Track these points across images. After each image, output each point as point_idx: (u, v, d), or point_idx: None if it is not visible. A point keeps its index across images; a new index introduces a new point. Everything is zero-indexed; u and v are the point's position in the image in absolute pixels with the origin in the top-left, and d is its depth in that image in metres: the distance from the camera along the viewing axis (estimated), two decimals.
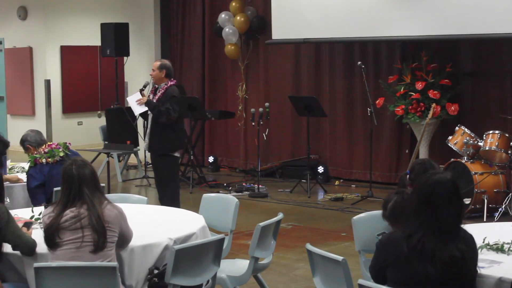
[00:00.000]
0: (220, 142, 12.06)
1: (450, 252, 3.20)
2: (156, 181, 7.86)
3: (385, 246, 3.36)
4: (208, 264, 4.23)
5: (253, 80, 11.58)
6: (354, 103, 10.40)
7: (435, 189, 3.27)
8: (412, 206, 3.33)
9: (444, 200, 3.26)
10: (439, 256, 3.19)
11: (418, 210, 3.29)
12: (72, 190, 3.88)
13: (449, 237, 3.23)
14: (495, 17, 8.44)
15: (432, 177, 3.33)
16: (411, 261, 3.21)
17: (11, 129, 14.46)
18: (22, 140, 6.04)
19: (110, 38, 11.52)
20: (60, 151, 5.79)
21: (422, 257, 3.20)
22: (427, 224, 3.23)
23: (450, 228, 3.25)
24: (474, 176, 7.88)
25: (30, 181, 5.80)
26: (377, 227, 4.23)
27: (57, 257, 3.82)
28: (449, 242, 3.21)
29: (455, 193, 3.31)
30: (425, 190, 3.30)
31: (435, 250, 3.19)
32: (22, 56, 14.30)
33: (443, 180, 3.30)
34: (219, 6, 11.69)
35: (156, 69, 7.42)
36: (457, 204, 3.31)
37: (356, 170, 10.43)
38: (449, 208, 3.27)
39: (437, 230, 3.22)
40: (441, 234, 3.22)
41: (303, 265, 6.30)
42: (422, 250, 3.20)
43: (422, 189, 3.31)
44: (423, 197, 3.29)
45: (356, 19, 9.55)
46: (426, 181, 3.32)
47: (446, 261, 3.19)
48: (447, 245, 3.20)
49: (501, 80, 9.27)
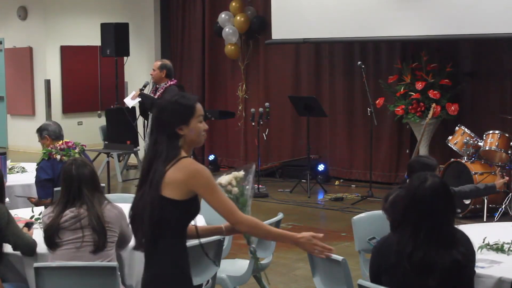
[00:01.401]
0: (220, 142, 12.06)
1: (452, 256, 3.10)
2: None
3: (378, 252, 3.29)
4: (208, 264, 4.23)
5: (253, 80, 11.58)
6: (354, 103, 10.40)
7: (430, 199, 3.14)
8: (403, 213, 3.20)
9: (440, 209, 3.15)
10: (441, 263, 3.08)
11: (412, 218, 3.16)
12: (72, 190, 3.89)
13: (449, 244, 3.12)
14: (495, 17, 8.44)
15: (422, 186, 3.17)
16: (407, 271, 3.11)
17: (11, 129, 14.47)
18: (42, 128, 5.82)
19: (110, 38, 11.52)
20: (76, 153, 5.72)
21: (421, 269, 3.10)
22: (425, 235, 3.10)
23: (449, 235, 3.14)
24: (474, 176, 7.88)
25: (40, 173, 5.66)
26: (377, 227, 4.23)
27: (57, 257, 3.82)
28: (449, 248, 3.11)
29: (448, 197, 3.21)
30: (418, 200, 3.15)
31: (437, 259, 3.09)
32: (22, 56, 14.30)
33: (436, 187, 3.16)
34: (219, 6, 11.69)
35: (156, 69, 7.44)
36: (451, 208, 3.22)
37: (356, 170, 10.43)
38: (447, 214, 3.17)
39: (437, 239, 3.11)
40: (441, 243, 3.11)
41: (303, 265, 6.30)
42: (422, 262, 3.09)
43: (415, 198, 3.17)
44: (417, 206, 3.15)
45: (356, 19, 9.55)
46: (418, 191, 3.17)
47: (448, 266, 3.09)
48: (447, 251, 3.10)
49: (501, 80, 9.27)
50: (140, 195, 3.10)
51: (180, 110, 3.08)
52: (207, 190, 3.06)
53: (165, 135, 3.07)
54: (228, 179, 3.36)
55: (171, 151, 3.05)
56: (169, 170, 3.02)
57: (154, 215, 3.01)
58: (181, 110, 3.08)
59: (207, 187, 3.05)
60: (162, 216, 3.02)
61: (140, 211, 3.07)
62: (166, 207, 3.02)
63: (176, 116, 3.08)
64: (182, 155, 3.07)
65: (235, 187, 3.35)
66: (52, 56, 14.13)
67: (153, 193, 3.02)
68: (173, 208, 3.02)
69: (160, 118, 3.10)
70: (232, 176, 3.38)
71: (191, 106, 3.10)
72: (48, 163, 5.66)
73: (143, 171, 3.13)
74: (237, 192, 3.33)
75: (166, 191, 3.01)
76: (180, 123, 3.07)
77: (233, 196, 3.30)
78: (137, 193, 3.13)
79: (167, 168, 3.03)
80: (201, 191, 3.06)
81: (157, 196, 3.01)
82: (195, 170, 3.04)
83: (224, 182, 3.34)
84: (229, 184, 3.34)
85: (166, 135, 3.06)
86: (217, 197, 3.08)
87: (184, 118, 3.08)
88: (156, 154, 3.07)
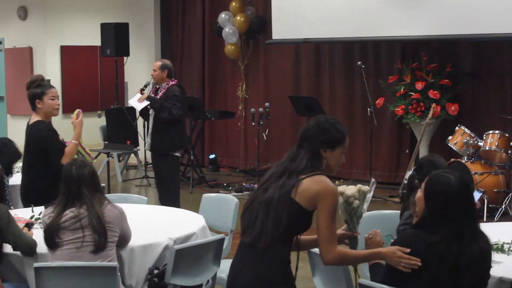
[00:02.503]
0: (220, 142, 12.06)
1: (479, 245, 3.10)
2: (157, 181, 7.87)
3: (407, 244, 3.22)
4: (208, 264, 4.23)
5: (253, 80, 11.58)
6: (354, 103, 10.40)
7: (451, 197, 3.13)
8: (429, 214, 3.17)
9: (461, 206, 3.13)
10: (469, 254, 3.07)
11: (437, 217, 3.14)
12: (71, 191, 3.89)
13: (473, 237, 3.12)
14: (495, 17, 8.44)
15: (441, 183, 3.17)
16: (447, 271, 3.09)
17: (11, 129, 14.46)
18: None
19: (110, 38, 11.51)
20: None
21: (449, 264, 3.08)
22: (450, 231, 3.10)
23: (472, 228, 3.14)
24: (474, 176, 7.88)
25: None
26: (377, 227, 4.22)
27: (57, 257, 3.81)
28: (473, 242, 3.11)
29: (468, 194, 3.19)
30: (440, 199, 3.15)
31: (464, 252, 3.08)
32: (22, 56, 14.30)
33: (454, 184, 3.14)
34: (219, 6, 11.69)
35: (157, 69, 7.44)
36: (472, 202, 3.21)
37: (356, 170, 10.43)
38: (468, 209, 3.16)
39: (461, 234, 3.10)
40: (465, 237, 3.10)
41: (303, 265, 6.27)
42: (449, 256, 3.08)
43: (437, 198, 3.16)
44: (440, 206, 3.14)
45: (356, 19, 9.55)
46: (437, 188, 3.16)
47: (477, 256, 3.08)
48: (471, 244, 3.10)
49: (501, 80, 9.27)
50: (264, 193, 3.26)
51: (333, 134, 3.33)
52: (327, 210, 3.24)
53: (309, 150, 3.31)
54: (353, 191, 3.49)
55: (311, 164, 3.28)
56: (305, 179, 3.24)
57: (283, 214, 3.19)
58: (334, 134, 3.33)
59: (329, 208, 3.24)
60: (289, 218, 3.20)
61: (263, 207, 3.22)
62: (294, 210, 3.21)
63: (327, 138, 3.32)
64: (319, 172, 3.29)
65: (357, 199, 3.48)
66: (52, 56, 14.13)
67: (284, 195, 3.20)
68: (299, 213, 3.22)
69: (312, 134, 3.35)
70: (357, 188, 3.51)
71: (343, 136, 3.36)
72: None
73: (274, 174, 3.31)
74: (358, 204, 3.48)
75: (297, 197, 3.21)
76: (327, 146, 3.32)
77: (351, 208, 3.47)
78: (260, 192, 3.29)
79: (303, 177, 3.24)
80: (323, 208, 3.24)
81: (288, 198, 3.21)
82: (331, 189, 3.25)
83: (349, 193, 3.48)
84: (352, 196, 3.48)
85: (310, 151, 3.31)
86: (329, 222, 3.26)
87: (333, 143, 3.32)
88: (295, 163, 3.30)
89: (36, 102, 5.29)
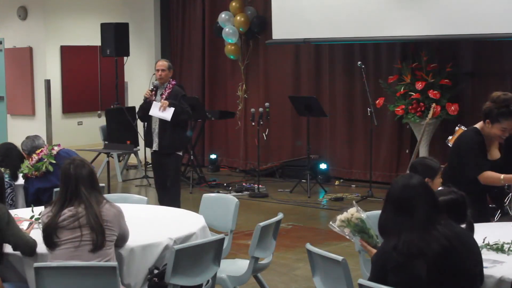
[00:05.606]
0: (220, 142, 12.06)
1: (438, 242, 3.17)
2: (157, 182, 7.84)
3: (379, 259, 3.32)
4: (208, 264, 4.23)
5: (253, 80, 11.58)
6: (354, 103, 10.40)
7: (403, 194, 3.31)
8: (390, 216, 3.34)
9: (415, 202, 3.27)
10: (430, 249, 3.17)
11: (395, 218, 3.30)
12: (69, 190, 3.89)
13: (426, 227, 3.21)
14: (495, 17, 8.44)
15: (398, 183, 3.39)
16: (406, 265, 3.18)
17: (11, 129, 14.47)
18: (21, 146, 6.08)
19: (110, 38, 11.52)
20: (44, 164, 5.78)
21: (413, 257, 3.17)
22: (404, 226, 3.23)
23: (424, 220, 3.23)
24: None
25: (25, 194, 5.88)
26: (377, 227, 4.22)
27: (56, 256, 3.81)
28: (429, 232, 3.19)
29: (424, 192, 3.32)
30: (396, 197, 3.34)
31: (422, 247, 3.17)
32: (22, 56, 14.30)
33: (410, 184, 3.33)
34: (219, 6, 11.70)
35: (166, 69, 7.50)
36: (430, 199, 3.31)
37: (356, 170, 10.43)
38: (422, 205, 3.27)
39: (412, 226, 3.22)
40: (418, 228, 3.21)
41: (303, 265, 6.30)
42: (409, 251, 3.18)
43: (393, 197, 3.36)
44: (397, 204, 3.32)
45: (356, 19, 9.55)
46: (395, 188, 3.38)
47: (439, 252, 3.16)
48: (430, 235, 3.19)
49: (501, 80, 9.26)
50: None
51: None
52: None
53: None
54: (345, 215, 3.78)
55: None
56: None
57: None
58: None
59: None
60: None
61: None
62: None
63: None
64: None
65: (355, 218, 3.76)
66: (52, 56, 14.14)
67: None
68: None
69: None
70: (350, 213, 3.78)
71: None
72: (28, 183, 5.84)
73: None
74: (358, 218, 3.75)
75: None
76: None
77: (356, 226, 3.77)
78: None
79: None
80: None
81: None
82: None
83: (343, 217, 3.79)
84: (346, 219, 3.78)
85: None
86: None
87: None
88: None
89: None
